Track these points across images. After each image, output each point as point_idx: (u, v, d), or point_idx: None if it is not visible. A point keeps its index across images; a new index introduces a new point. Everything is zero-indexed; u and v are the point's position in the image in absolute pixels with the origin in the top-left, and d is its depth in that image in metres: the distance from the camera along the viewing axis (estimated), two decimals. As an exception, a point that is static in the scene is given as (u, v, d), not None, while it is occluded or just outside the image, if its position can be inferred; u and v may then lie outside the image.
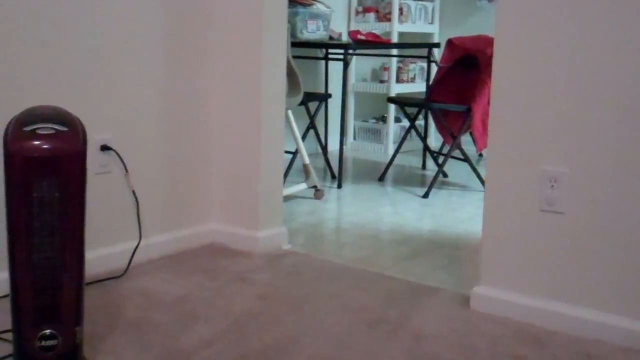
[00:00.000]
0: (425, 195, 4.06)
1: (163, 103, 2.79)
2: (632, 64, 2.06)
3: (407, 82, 5.63)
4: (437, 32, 5.80)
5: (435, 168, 4.90)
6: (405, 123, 5.70)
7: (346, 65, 4.15)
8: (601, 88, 2.12)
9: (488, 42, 4.30)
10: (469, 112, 4.11)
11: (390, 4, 5.39)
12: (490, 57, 4.20)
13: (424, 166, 4.96)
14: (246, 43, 2.88)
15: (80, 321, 1.78)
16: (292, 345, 2.08)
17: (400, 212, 3.74)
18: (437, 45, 4.71)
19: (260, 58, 2.85)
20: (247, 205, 2.97)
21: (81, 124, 1.77)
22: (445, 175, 4.62)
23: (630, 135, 2.09)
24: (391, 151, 5.52)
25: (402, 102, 4.45)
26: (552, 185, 2.24)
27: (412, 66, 5.67)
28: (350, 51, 4.12)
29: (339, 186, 4.26)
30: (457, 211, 3.80)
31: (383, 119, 5.65)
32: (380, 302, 2.44)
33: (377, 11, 5.46)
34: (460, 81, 4.58)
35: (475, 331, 2.23)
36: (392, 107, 5.49)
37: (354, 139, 5.73)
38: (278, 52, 2.93)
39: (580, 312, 2.21)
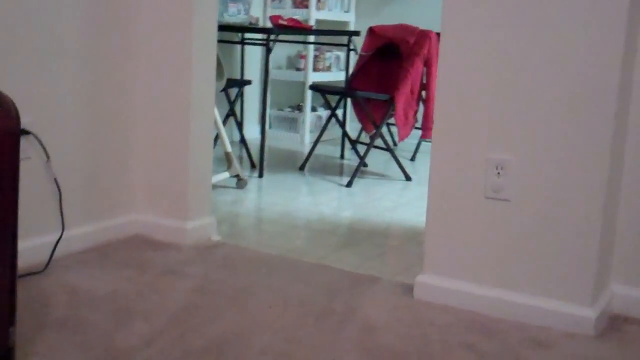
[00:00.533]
0: (349, 185, 4.01)
1: (87, 87, 2.60)
2: (578, 50, 2.06)
3: (324, 70, 5.57)
4: (353, 21, 5.76)
5: (354, 157, 4.88)
6: (321, 112, 5.66)
7: (269, 51, 4.04)
8: (546, 75, 2.11)
9: (410, 31, 4.29)
10: (391, 101, 4.09)
11: (307, -10, 5.31)
12: (412, 46, 4.21)
13: (342, 156, 4.91)
14: (175, 23, 2.73)
15: (14, 321, 1.61)
16: (237, 341, 1.97)
17: (326, 201, 3.67)
18: (357, 33, 4.67)
19: (190, 39, 2.71)
20: (175, 194, 2.82)
21: (13, 103, 1.60)
22: (365, 164, 4.59)
23: (575, 121, 2.09)
24: (308, 140, 5.45)
25: (324, 89, 4.38)
26: (498, 173, 2.22)
27: (328, 55, 5.61)
28: (273, 37, 4.00)
29: (260, 175, 4.15)
30: (382, 200, 3.77)
31: (299, 108, 5.56)
32: (322, 293, 2.36)
33: (293, -2, 5.37)
34: (381, 70, 4.55)
35: (423, 321, 2.18)
36: (310, 96, 5.42)
37: (269, 127, 5.62)
38: (209, 33, 2.80)
39: (526, 300, 2.21)
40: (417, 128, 4.48)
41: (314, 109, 5.57)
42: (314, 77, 5.42)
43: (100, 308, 2.14)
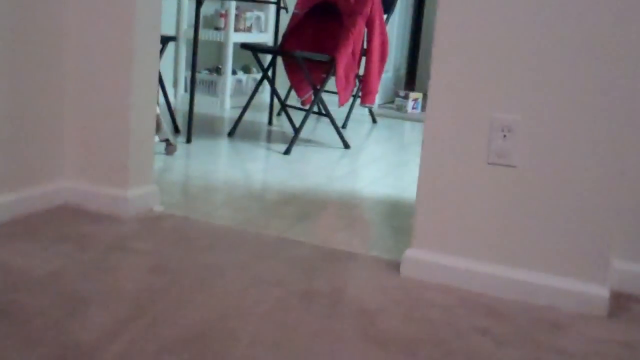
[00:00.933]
0: (287, 152, 3.70)
1: (5, 41, 2.16)
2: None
3: (245, 31, 5.19)
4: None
5: (283, 124, 4.56)
6: (241, 76, 5.30)
7: (199, 4, 3.64)
8: (560, 23, 1.88)
9: (350, -12, 4.00)
10: (332, 62, 3.79)
11: (230, -58, 4.90)
12: (353, 5, 3.92)
13: (270, 121, 4.58)
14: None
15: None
16: (218, 330, 1.64)
17: (267, 169, 3.35)
18: (289, -11, 4.34)
19: (135, -24, 2.31)
20: (113, 158, 2.42)
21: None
22: (298, 131, 4.28)
23: (592, 77, 1.87)
24: (228, 105, 5.09)
25: (258, 49, 4.02)
26: (504, 135, 1.98)
27: (248, 14, 5.24)
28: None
29: (188, 141, 3.76)
30: (326, 169, 3.48)
31: (217, 71, 5.17)
32: (298, 271, 2.06)
33: (213, -50, 4.95)
34: (316, 31, 4.26)
35: (422, 302, 1.92)
36: (230, 58, 5.03)
37: (184, 91, 5.20)
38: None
39: (532, 277, 1.99)
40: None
41: (234, 72, 5.20)
42: (235, 38, 5.04)
43: (44, 292, 1.75)
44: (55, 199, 2.44)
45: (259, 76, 5.48)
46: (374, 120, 5.04)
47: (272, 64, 4.19)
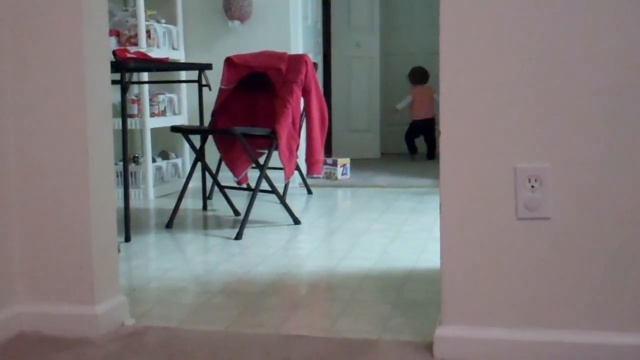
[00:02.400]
0: (238, 237, 3.40)
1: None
2: (627, 29, 1.71)
3: (159, 115, 4.90)
4: (183, 58, 5.16)
5: (219, 207, 4.27)
6: (161, 163, 4.99)
7: (124, 91, 3.35)
8: (589, 61, 1.74)
9: (278, 57, 3.83)
10: (273, 135, 3.56)
11: (135, 26, 4.64)
12: (285, 74, 3.74)
13: (205, 206, 4.27)
14: (64, 56, 2.03)
15: None
16: None
17: (227, 258, 3.04)
18: (210, 66, 4.10)
19: (82, 59, 2.02)
20: (74, 270, 2.08)
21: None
22: (238, 213, 4.00)
23: (626, 115, 1.73)
24: (152, 195, 4.75)
25: (189, 130, 3.74)
26: (532, 186, 1.80)
27: (161, 97, 4.96)
28: (128, 74, 3.32)
29: (127, 239, 3.41)
30: (289, 249, 3.22)
31: (135, 160, 4.83)
32: (324, 372, 1.78)
33: (118, 35, 4.67)
34: (247, 104, 4.03)
35: (479, 387, 1.68)
36: (149, 146, 4.72)
37: (102, 186, 4.81)
38: (102, 49, 2.13)
39: (582, 337, 1.79)
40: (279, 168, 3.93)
41: (153, 160, 4.87)
42: (152, 124, 4.74)
43: None
44: (8, 328, 2.06)
45: (178, 161, 5.21)
46: (309, 191, 4.83)
47: (205, 144, 3.91)
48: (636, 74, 1.71)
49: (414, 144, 6.78)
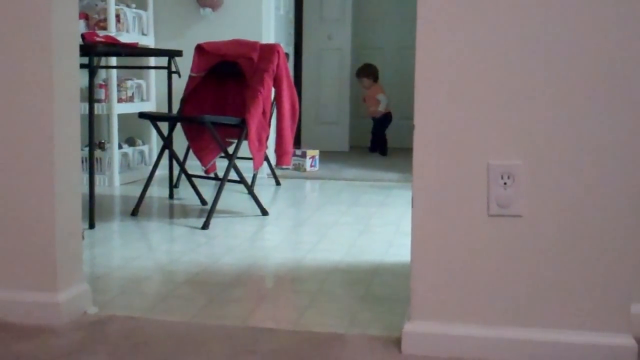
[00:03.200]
0: (205, 226, 3.36)
1: None
2: (606, 24, 1.71)
3: (127, 101, 4.83)
4: (152, 44, 5.09)
5: (186, 196, 4.22)
6: (127, 149, 4.91)
7: (92, 75, 3.28)
8: (563, 56, 1.73)
9: (250, 46, 3.79)
10: (243, 124, 3.51)
11: (105, 10, 4.55)
12: (257, 63, 3.69)
13: (171, 195, 4.22)
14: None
15: None
16: None
17: (193, 248, 3.00)
18: (180, 53, 4.04)
19: (50, 47, 1.97)
20: (36, 256, 2.03)
21: None
22: (205, 202, 3.96)
23: (601, 112, 1.73)
24: (117, 182, 4.68)
25: (157, 117, 3.68)
26: (505, 183, 1.79)
27: (130, 83, 4.88)
28: (96, 58, 3.26)
29: (91, 226, 3.35)
30: (256, 240, 3.19)
31: (101, 146, 4.75)
32: (291, 365, 1.76)
33: (87, 18, 4.58)
34: (217, 93, 3.98)
35: (446, 383, 1.67)
36: (116, 132, 4.64)
37: (66, 172, 4.72)
38: (71, 32, 2.07)
39: (550, 336, 1.79)
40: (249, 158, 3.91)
41: (119, 146, 4.80)
42: (120, 109, 4.66)
43: None
44: (-34, 315, 2.00)
45: (145, 148, 5.14)
46: (278, 182, 4.80)
47: (170, 132, 3.85)
48: (609, 72, 1.71)
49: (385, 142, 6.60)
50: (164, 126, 3.94)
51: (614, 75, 1.71)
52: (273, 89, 3.72)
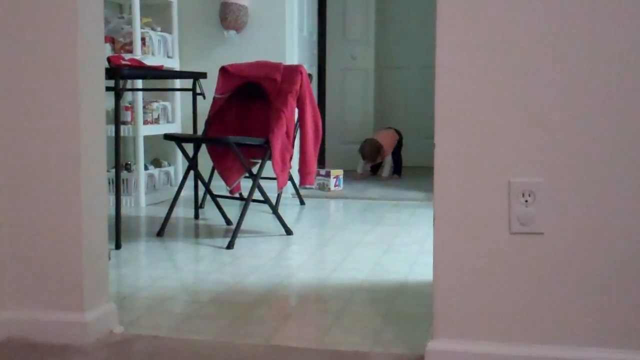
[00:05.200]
0: (230, 246, 3.39)
1: None
2: (630, 38, 1.72)
3: (152, 123, 4.89)
4: (177, 67, 5.16)
5: (210, 216, 4.26)
6: (153, 171, 4.97)
7: (118, 98, 3.34)
8: (586, 72, 1.74)
9: (273, 67, 3.83)
10: (267, 145, 3.55)
11: (130, 33, 4.63)
12: (281, 84, 3.73)
13: (196, 215, 4.25)
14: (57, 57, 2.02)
15: None
16: None
17: (218, 268, 3.03)
18: (204, 75, 4.09)
19: (77, 60, 2.01)
20: (63, 276, 2.06)
21: None
22: (230, 222, 3.99)
23: (625, 130, 1.73)
24: (143, 203, 4.73)
25: (182, 138, 3.73)
26: (526, 201, 1.79)
27: (155, 105, 4.95)
28: (122, 81, 3.31)
29: (118, 247, 3.39)
30: (281, 260, 3.21)
31: (127, 168, 4.82)
32: (314, 384, 1.77)
33: (113, 41, 4.66)
34: (241, 114, 4.02)
35: (470, 402, 1.67)
36: (142, 153, 4.70)
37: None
38: (97, 56, 2.12)
39: (575, 354, 1.78)
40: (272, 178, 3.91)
41: (145, 167, 4.86)
42: (145, 131, 4.73)
43: None
44: (-5, 335, 2.04)
45: (171, 169, 5.19)
46: (302, 202, 4.82)
47: (195, 153, 3.90)
48: (632, 89, 1.71)
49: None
50: (189, 147, 3.99)
51: (637, 91, 1.71)
52: (296, 110, 3.76)
